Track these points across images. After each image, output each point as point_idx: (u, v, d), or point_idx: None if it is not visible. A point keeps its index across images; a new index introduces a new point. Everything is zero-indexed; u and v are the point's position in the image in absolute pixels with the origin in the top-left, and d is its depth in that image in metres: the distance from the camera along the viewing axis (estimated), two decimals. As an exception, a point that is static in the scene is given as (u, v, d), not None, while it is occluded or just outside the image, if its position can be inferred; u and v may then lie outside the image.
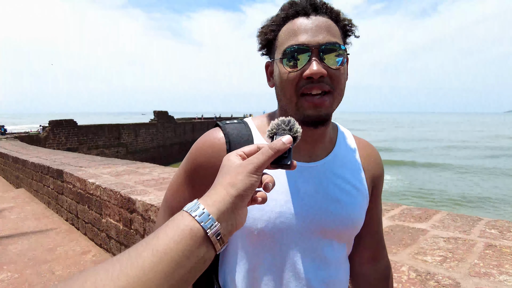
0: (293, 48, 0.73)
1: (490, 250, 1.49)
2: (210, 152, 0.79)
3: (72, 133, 24.12)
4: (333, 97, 0.75)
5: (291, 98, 0.75)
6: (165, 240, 0.47)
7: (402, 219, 1.97)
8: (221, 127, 0.83)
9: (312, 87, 0.72)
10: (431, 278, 1.27)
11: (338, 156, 0.85)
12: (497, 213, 15.76)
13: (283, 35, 0.76)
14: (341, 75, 0.75)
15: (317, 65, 0.71)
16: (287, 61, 0.74)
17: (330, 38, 0.74)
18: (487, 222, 1.88)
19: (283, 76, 0.75)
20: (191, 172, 0.82)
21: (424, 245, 1.58)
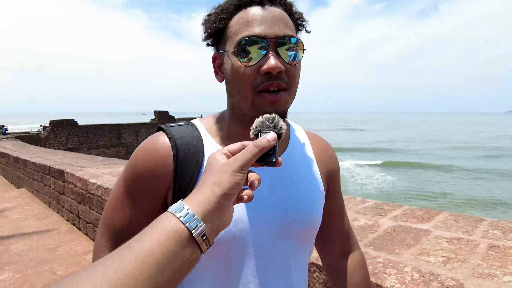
0: (248, 39, 0.67)
1: (493, 251, 1.49)
2: (154, 159, 0.71)
3: (73, 133, 24.13)
4: (289, 94, 0.71)
5: (246, 95, 0.69)
6: (149, 242, 0.46)
7: (404, 219, 1.97)
8: (165, 130, 0.75)
9: (270, 84, 0.67)
10: (435, 279, 1.27)
11: (293, 153, 0.82)
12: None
13: (236, 25, 0.70)
14: (296, 70, 0.71)
15: (275, 59, 0.66)
16: (242, 54, 0.67)
17: (287, 30, 0.69)
18: (490, 222, 1.88)
19: (237, 70, 0.69)
20: (132, 184, 0.72)
21: (427, 246, 1.58)
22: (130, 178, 0.72)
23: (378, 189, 21.28)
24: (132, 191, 0.72)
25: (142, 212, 0.71)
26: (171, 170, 0.70)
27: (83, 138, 24.84)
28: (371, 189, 21.42)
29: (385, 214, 2.07)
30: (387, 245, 1.59)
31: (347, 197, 2.52)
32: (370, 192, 20.61)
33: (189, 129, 0.77)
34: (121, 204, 0.73)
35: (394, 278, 1.29)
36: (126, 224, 0.72)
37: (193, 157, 0.72)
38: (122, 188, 0.74)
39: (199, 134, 0.76)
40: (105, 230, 0.75)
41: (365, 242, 1.64)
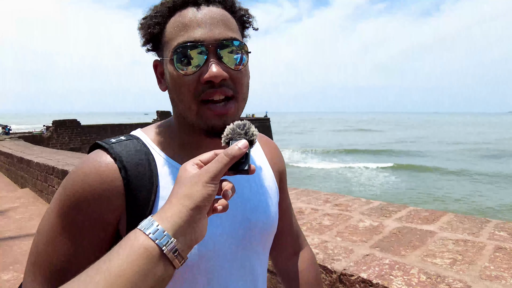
0: (185, 45, 0.61)
1: (500, 253, 1.48)
2: (99, 184, 0.61)
3: (75, 133, 24.20)
4: (237, 102, 0.66)
5: (189, 105, 0.64)
6: (118, 262, 0.44)
7: (409, 220, 1.96)
8: (106, 149, 0.64)
9: (214, 93, 0.62)
10: (442, 281, 1.26)
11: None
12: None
13: (171, 30, 0.64)
14: (243, 76, 0.66)
15: (217, 66, 0.61)
16: (179, 62, 0.62)
17: (228, 33, 0.64)
18: (496, 224, 1.87)
19: (177, 80, 0.63)
20: (72, 213, 0.61)
21: (433, 247, 1.57)
22: (70, 207, 0.61)
23: (389, 194, 19.80)
24: (72, 222, 0.61)
25: (87, 246, 0.62)
26: (121, 196, 0.62)
27: (86, 138, 24.90)
28: (380, 193, 20.26)
29: (390, 215, 2.06)
30: (393, 247, 1.58)
31: (351, 198, 2.52)
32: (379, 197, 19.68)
33: (134, 143, 0.67)
34: (59, 239, 0.61)
35: (401, 280, 1.28)
36: (67, 261, 0.61)
37: (145, 177, 0.64)
38: (59, 220, 0.62)
39: (147, 148, 0.68)
40: (38, 272, 0.62)
41: (371, 243, 1.63)
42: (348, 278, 1.36)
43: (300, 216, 2.10)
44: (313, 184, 22.45)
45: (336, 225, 1.92)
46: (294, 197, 2.61)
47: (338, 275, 1.39)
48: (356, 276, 1.34)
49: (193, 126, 0.68)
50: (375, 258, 1.47)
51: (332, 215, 2.10)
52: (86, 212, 0.61)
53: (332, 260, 1.46)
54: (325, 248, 1.60)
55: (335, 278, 1.40)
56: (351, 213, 2.14)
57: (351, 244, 1.64)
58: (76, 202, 0.61)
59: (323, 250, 1.57)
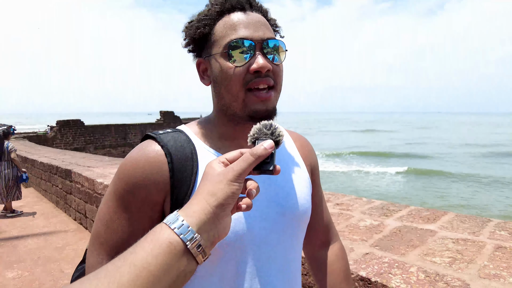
0: (237, 42, 0.71)
1: (500, 252, 1.48)
2: (148, 168, 0.69)
3: (79, 133, 24.32)
4: (276, 92, 0.75)
5: (237, 93, 0.72)
6: (142, 255, 0.46)
7: (410, 220, 1.97)
8: (155, 138, 0.74)
9: (260, 81, 0.71)
10: (440, 279, 1.27)
11: (281, 149, 0.84)
12: None
13: (222, 29, 0.73)
14: (281, 71, 0.75)
15: (263, 59, 0.70)
16: (231, 56, 0.71)
17: (270, 34, 0.74)
18: (497, 223, 1.87)
19: (228, 71, 0.71)
20: (126, 196, 0.70)
21: (433, 246, 1.58)
22: (123, 190, 0.70)
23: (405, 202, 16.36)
24: (127, 203, 0.70)
25: (139, 224, 0.70)
26: (167, 178, 0.70)
27: (90, 138, 25.02)
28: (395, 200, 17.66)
29: (390, 215, 2.07)
30: (393, 246, 1.59)
31: (353, 198, 2.52)
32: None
33: (179, 135, 0.77)
34: (116, 219, 0.70)
35: (400, 278, 1.29)
36: (124, 238, 0.70)
37: (188, 163, 0.72)
38: (115, 201, 0.71)
39: (190, 139, 0.76)
40: (100, 248, 0.71)
41: (370, 242, 1.64)
42: (347, 276, 1.37)
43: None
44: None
45: (337, 224, 1.93)
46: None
47: (337, 273, 1.40)
48: (355, 274, 1.35)
49: (234, 117, 0.75)
50: (375, 256, 1.48)
51: (333, 214, 2.11)
52: (138, 193, 0.69)
53: (332, 259, 1.47)
54: (325, 246, 1.61)
55: (334, 276, 1.41)
56: (352, 212, 2.15)
57: (351, 242, 1.65)
58: (129, 185, 0.69)
59: (323, 248, 1.58)
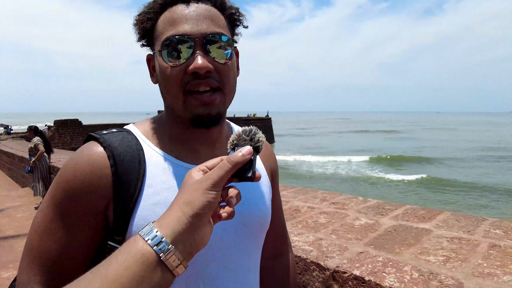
0: (173, 39, 0.64)
1: (494, 251, 1.48)
2: (89, 172, 0.63)
3: (77, 132, 24.26)
4: (223, 94, 0.68)
5: (177, 96, 0.67)
6: (114, 266, 0.45)
7: (405, 219, 1.96)
8: (97, 139, 0.68)
9: (199, 84, 0.65)
10: (434, 278, 1.26)
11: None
12: None
13: (162, 24, 0.68)
14: (229, 70, 0.69)
15: (202, 58, 0.64)
16: (168, 54, 0.65)
17: (215, 28, 0.66)
18: (492, 222, 1.87)
19: (165, 71, 0.66)
20: (65, 203, 0.63)
21: (428, 245, 1.57)
22: (62, 196, 0.63)
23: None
24: (65, 211, 0.63)
25: (80, 234, 0.64)
26: (109, 182, 0.64)
27: (88, 137, 25.00)
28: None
29: (386, 214, 2.06)
30: (387, 244, 1.59)
31: (349, 197, 2.52)
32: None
33: (125, 135, 0.71)
34: (53, 229, 0.63)
35: (393, 277, 1.29)
36: (62, 251, 0.63)
37: (134, 166, 0.66)
38: (52, 209, 0.64)
39: (137, 140, 0.71)
40: (33, 263, 0.63)
41: (365, 241, 1.64)
42: (341, 275, 1.36)
43: (297, 214, 2.11)
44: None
45: (331, 223, 1.92)
46: (291, 195, 2.61)
47: (331, 272, 1.39)
48: (349, 273, 1.35)
49: (181, 118, 0.70)
50: (369, 255, 1.48)
51: (329, 213, 2.11)
52: (78, 200, 0.63)
53: (326, 258, 1.47)
54: (319, 245, 1.60)
55: (328, 275, 1.40)
56: (347, 211, 2.14)
57: (345, 241, 1.64)
58: (68, 190, 0.63)
59: (317, 247, 1.58)
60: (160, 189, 0.66)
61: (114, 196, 0.64)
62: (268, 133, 43.57)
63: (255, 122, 41.05)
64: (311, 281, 1.47)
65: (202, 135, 0.73)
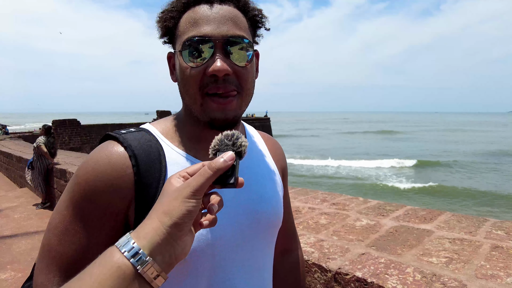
0: (194, 40, 0.64)
1: (496, 252, 1.47)
2: (110, 172, 0.62)
3: (75, 132, 24.19)
4: (241, 98, 0.68)
5: (195, 97, 0.67)
6: (89, 281, 0.44)
7: (406, 219, 1.95)
8: (117, 138, 0.67)
9: (218, 87, 0.65)
10: (437, 280, 1.25)
11: (252, 152, 0.81)
12: None
13: (184, 24, 0.67)
14: (248, 73, 0.68)
15: (222, 61, 0.64)
16: (188, 55, 0.65)
17: (236, 30, 0.66)
18: (493, 223, 1.86)
19: (184, 71, 0.66)
20: (85, 203, 0.62)
21: (429, 246, 1.56)
22: (81, 197, 0.62)
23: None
24: (84, 212, 0.62)
25: (100, 235, 0.63)
26: (131, 183, 0.63)
27: (86, 137, 24.89)
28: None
29: (387, 214, 2.05)
30: (389, 246, 1.58)
31: (350, 197, 2.51)
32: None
33: (143, 134, 0.70)
34: (72, 230, 0.62)
35: (396, 279, 1.28)
36: (81, 252, 0.62)
37: (155, 166, 0.66)
38: (70, 210, 0.63)
39: (156, 139, 0.71)
40: (52, 264, 0.62)
41: (367, 242, 1.63)
42: (343, 277, 1.35)
43: (297, 215, 2.10)
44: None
45: (332, 224, 1.91)
46: (292, 196, 2.60)
47: (333, 274, 1.38)
48: (351, 275, 1.34)
49: (198, 118, 0.70)
50: (371, 257, 1.47)
51: (329, 214, 2.10)
52: (98, 201, 0.62)
53: (328, 259, 1.45)
54: (320, 247, 1.59)
55: (330, 277, 1.39)
56: (348, 212, 2.13)
57: (347, 243, 1.63)
58: (88, 191, 0.62)
59: (318, 249, 1.57)
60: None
61: (136, 196, 0.64)
62: (267, 133, 43.49)
63: (253, 122, 41.02)
64: (312, 282, 1.46)
65: (217, 135, 0.75)
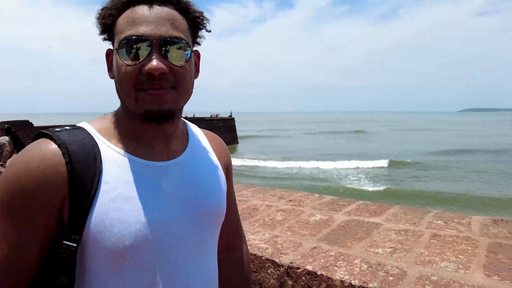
0: (131, 39, 0.66)
1: (435, 240, 1.58)
2: (43, 169, 0.62)
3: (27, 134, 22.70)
4: (177, 94, 0.70)
5: (129, 93, 0.68)
6: None
7: (358, 214, 2.04)
8: (50, 136, 0.66)
9: (152, 85, 0.66)
10: (381, 268, 1.33)
11: (195, 149, 0.84)
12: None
13: (122, 23, 0.69)
14: (186, 72, 0.70)
15: (158, 61, 0.65)
16: (125, 53, 0.66)
17: (173, 32, 0.68)
18: (435, 214, 2.00)
19: (120, 68, 0.67)
20: (14, 201, 0.61)
21: (377, 238, 1.65)
22: (11, 195, 0.61)
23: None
24: (15, 211, 0.61)
25: (35, 234, 0.63)
26: (65, 180, 0.63)
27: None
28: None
29: (340, 209, 2.14)
30: (340, 239, 1.64)
31: (306, 194, 2.58)
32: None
33: (78, 132, 0.70)
34: (2, 228, 0.61)
35: (344, 270, 1.34)
36: (13, 253, 0.61)
37: (89, 163, 0.66)
38: (1, 209, 0.61)
39: (92, 137, 0.71)
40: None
41: (319, 236, 1.68)
42: (294, 271, 1.39)
43: (254, 213, 2.12)
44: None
45: (287, 220, 1.96)
46: (250, 194, 2.63)
47: (285, 269, 1.42)
48: (302, 268, 1.38)
49: (134, 113, 0.71)
50: (322, 250, 1.52)
51: (285, 211, 2.14)
52: (30, 198, 0.61)
53: (281, 254, 1.49)
54: (274, 242, 1.62)
55: (282, 272, 1.43)
56: (303, 208, 2.19)
57: (300, 238, 1.68)
58: (18, 189, 0.61)
59: (272, 244, 1.60)
60: (117, 184, 0.68)
61: (70, 193, 0.64)
62: (232, 134, 43.34)
63: (218, 123, 40.74)
64: (266, 278, 1.49)
65: (156, 131, 0.75)
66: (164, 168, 0.75)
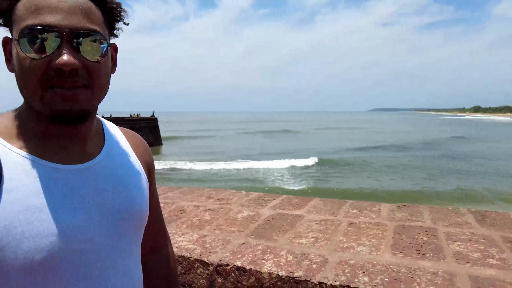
0: (35, 29, 0.58)
1: (352, 227, 1.73)
2: None
3: None
4: (91, 92, 0.64)
5: (34, 90, 0.61)
6: None
7: (282, 207, 2.13)
8: None
9: (63, 82, 0.60)
10: (305, 258, 1.41)
11: (112, 149, 0.78)
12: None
13: (23, 9, 0.59)
14: (101, 67, 0.65)
15: (69, 55, 0.59)
16: (27, 45, 0.58)
17: (87, 24, 0.61)
18: (351, 204, 2.19)
19: (23, 63, 0.59)
20: None
21: (300, 229, 1.74)
22: None
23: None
24: None
25: None
26: None
27: None
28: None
29: (265, 204, 2.21)
30: (267, 233, 1.70)
31: (233, 192, 2.60)
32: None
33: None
34: None
35: (271, 262, 1.38)
36: None
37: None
38: None
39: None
40: None
41: (246, 232, 1.72)
42: (224, 268, 1.40)
43: (181, 215, 2.07)
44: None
45: (216, 219, 1.95)
46: (177, 196, 2.56)
47: (214, 267, 1.41)
48: (231, 265, 1.39)
49: (41, 113, 0.64)
50: (250, 245, 1.55)
51: (213, 210, 2.13)
52: None
53: (210, 253, 1.48)
54: (203, 242, 1.61)
55: (212, 271, 1.42)
56: (231, 205, 2.21)
57: (228, 235, 1.69)
58: None
59: (201, 244, 1.58)
60: (25, 194, 0.59)
61: None
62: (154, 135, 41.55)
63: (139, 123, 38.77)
64: (195, 278, 1.46)
65: (68, 131, 0.68)
66: (78, 172, 0.67)
